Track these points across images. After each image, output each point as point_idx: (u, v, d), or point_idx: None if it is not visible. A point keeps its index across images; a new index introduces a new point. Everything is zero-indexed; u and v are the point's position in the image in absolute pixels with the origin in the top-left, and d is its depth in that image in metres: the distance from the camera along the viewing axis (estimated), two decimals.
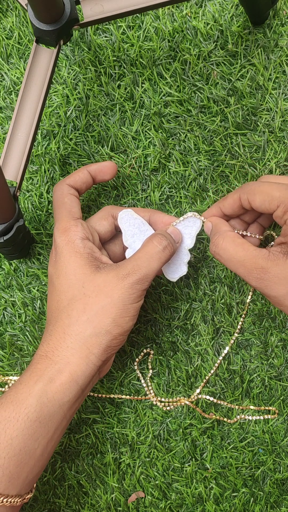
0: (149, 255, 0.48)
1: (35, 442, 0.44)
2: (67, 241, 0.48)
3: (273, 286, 0.45)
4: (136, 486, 0.56)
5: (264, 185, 0.48)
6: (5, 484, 0.43)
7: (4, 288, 0.59)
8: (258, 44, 0.59)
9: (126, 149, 0.59)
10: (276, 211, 0.47)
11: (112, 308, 0.46)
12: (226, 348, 0.56)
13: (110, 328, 0.46)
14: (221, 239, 0.48)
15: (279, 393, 0.56)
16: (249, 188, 0.49)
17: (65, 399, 0.45)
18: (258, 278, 0.45)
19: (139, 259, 0.48)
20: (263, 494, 0.55)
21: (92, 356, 0.46)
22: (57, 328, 0.47)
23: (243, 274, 0.46)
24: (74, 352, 0.46)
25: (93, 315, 0.46)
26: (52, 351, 0.46)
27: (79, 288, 0.47)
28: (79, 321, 0.46)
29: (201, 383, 0.56)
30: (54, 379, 0.45)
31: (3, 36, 0.62)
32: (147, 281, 0.47)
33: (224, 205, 0.51)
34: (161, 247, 0.48)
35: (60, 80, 0.61)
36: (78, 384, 0.45)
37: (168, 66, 0.59)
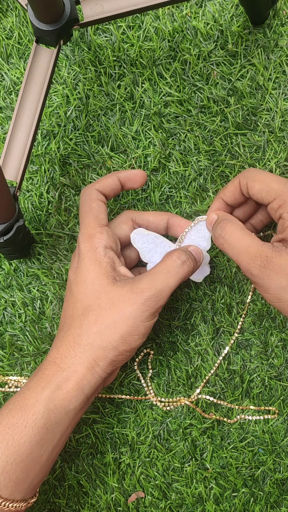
0: (166, 270, 0.47)
1: (42, 449, 0.44)
2: (89, 248, 0.48)
3: (274, 277, 0.44)
4: (136, 486, 0.56)
5: (265, 174, 0.48)
6: (11, 490, 0.43)
7: (4, 288, 0.59)
8: (258, 44, 0.59)
9: (126, 149, 0.59)
10: (272, 203, 0.47)
11: (122, 324, 0.46)
12: (226, 348, 0.56)
13: (117, 344, 0.46)
14: (229, 224, 0.47)
15: (279, 393, 0.56)
16: (249, 174, 0.48)
17: (71, 406, 0.45)
18: (261, 266, 0.44)
19: (156, 274, 0.47)
20: (263, 494, 0.55)
21: (98, 368, 0.46)
22: (69, 336, 0.47)
23: (246, 261, 0.45)
24: (81, 361, 0.46)
25: (103, 328, 0.46)
26: (61, 358, 0.46)
27: (95, 299, 0.47)
28: (89, 332, 0.46)
29: (201, 383, 0.56)
30: (61, 386, 0.45)
31: (3, 36, 0.62)
32: (162, 298, 0.46)
33: (225, 193, 0.50)
34: (179, 262, 0.48)
35: (60, 80, 0.61)
36: (84, 392, 0.46)
37: (168, 66, 0.59)
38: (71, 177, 0.59)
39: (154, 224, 0.53)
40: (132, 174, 0.52)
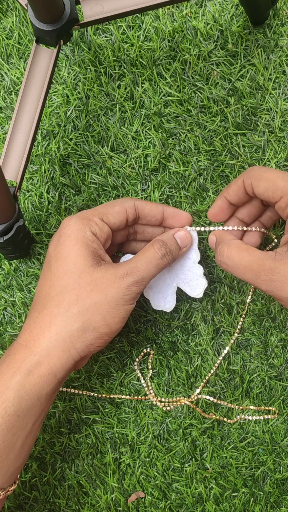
0: (148, 259, 0.48)
1: (14, 436, 0.44)
2: (79, 228, 0.47)
3: (284, 287, 0.43)
4: (136, 486, 0.56)
5: (270, 171, 0.47)
6: None
7: (4, 288, 0.59)
8: (258, 44, 0.59)
9: (126, 149, 0.59)
10: (279, 202, 0.46)
11: (105, 305, 0.45)
12: (226, 348, 0.56)
13: (99, 325, 0.45)
14: (225, 247, 0.48)
15: (279, 393, 0.56)
16: (253, 173, 0.47)
17: (43, 392, 0.44)
18: (268, 280, 0.44)
19: (138, 262, 0.47)
20: (263, 494, 0.55)
21: (74, 350, 0.45)
22: (44, 316, 0.46)
23: (252, 279, 0.45)
24: (56, 344, 0.45)
25: (85, 309, 0.45)
26: (33, 341, 0.45)
27: (75, 278, 0.46)
28: (69, 312, 0.45)
29: (201, 383, 0.56)
30: (32, 371, 0.44)
31: (3, 36, 0.62)
32: (143, 285, 0.47)
33: (229, 192, 0.50)
34: (160, 254, 0.48)
35: (60, 80, 0.61)
36: (56, 377, 0.45)
37: (168, 66, 0.59)
38: (71, 177, 0.59)
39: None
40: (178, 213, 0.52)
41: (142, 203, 0.51)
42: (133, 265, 0.47)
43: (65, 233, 0.47)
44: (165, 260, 0.48)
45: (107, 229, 0.49)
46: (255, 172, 0.47)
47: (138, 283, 0.46)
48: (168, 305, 0.53)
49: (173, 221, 0.52)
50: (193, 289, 0.53)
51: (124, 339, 0.57)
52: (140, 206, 0.51)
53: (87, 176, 0.59)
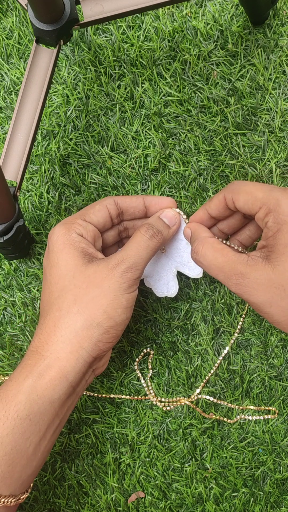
0: (136, 243, 0.48)
1: (27, 441, 0.43)
2: (63, 233, 0.48)
3: (252, 292, 0.44)
4: (136, 486, 0.56)
5: (249, 185, 0.47)
6: None
7: (4, 288, 0.59)
8: (258, 44, 0.59)
9: (126, 149, 0.59)
10: (258, 213, 0.46)
11: (103, 299, 0.45)
12: (226, 348, 0.56)
13: (101, 320, 0.45)
14: (200, 245, 0.48)
15: (279, 393, 0.56)
16: (233, 188, 0.48)
17: (55, 395, 0.44)
18: (237, 284, 0.44)
19: (128, 249, 0.47)
20: (263, 494, 0.55)
21: (82, 350, 0.45)
22: (48, 321, 0.46)
23: (223, 280, 0.45)
24: (64, 346, 0.45)
25: (84, 306, 0.45)
26: (42, 346, 0.45)
27: (70, 279, 0.46)
28: (70, 313, 0.45)
29: (201, 383, 0.56)
30: (43, 374, 0.44)
31: (3, 36, 0.62)
32: (137, 270, 0.46)
33: (210, 206, 0.50)
34: (147, 236, 0.48)
35: (60, 80, 0.61)
36: (68, 380, 0.45)
37: (168, 66, 0.59)
38: (71, 177, 0.59)
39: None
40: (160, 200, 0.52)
41: (122, 198, 0.52)
42: (122, 253, 0.47)
43: (52, 242, 0.48)
44: (155, 240, 0.48)
45: (91, 227, 0.49)
46: (235, 187, 0.48)
47: (131, 269, 0.46)
48: (172, 290, 0.53)
49: (157, 208, 0.52)
50: (192, 269, 0.53)
51: (124, 339, 0.57)
52: (120, 201, 0.51)
53: (87, 176, 0.59)
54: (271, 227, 0.44)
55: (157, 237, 0.48)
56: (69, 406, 0.46)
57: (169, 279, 0.53)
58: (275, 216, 0.44)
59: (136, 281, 0.47)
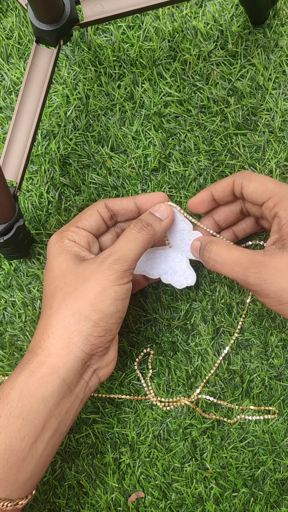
0: (125, 237, 0.48)
1: (22, 442, 0.42)
2: (57, 240, 0.49)
3: (273, 280, 0.44)
4: (136, 486, 0.56)
5: (261, 176, 0.49)
6: None
7: (4, 288, 0.59)
8: (258, 44, 0.59)
9: (126, 149, 0.59)
10: (267, 202, 0.47)
11: (90, 291, 0.45)
12: (226, 348, 0.56)
13: (89, 312, 0.45)
14: (214, 245, 0.48)
15: (279, 393, 0.56)
16: (245, 174, 0.49)
17: (47, 393, 0.43)
18: (257, 273, 0.44)
19: (117, 243, 0.47)
20: (263, 494, 0.55)
21: (73, 346, 0.44)
22: (41, 320, 0.47)
23: (241, 272, 0.45)
24: (54, 342, 0.45)
25: (72, 301, 0.45)
26: (36, 344, 0.45)
27: (61, 279, 0.47)
28: (59, 309, 0.45)
29: (201, 383, 0.56)
30: (34, 371, 0.44)
31: (3, 36, 0.62)
32: (126, 262, 0.46)
33: (216, 188, 0.51)
34: (136, 229, 0.48)
35: (60, 80, 0.61)
36: (60, 377, 0.44)
37: (168, 66, 0.59)
38: (71, 177, 0.59)
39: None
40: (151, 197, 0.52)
41: (112, 200, 0.52)
42: (112, 247, 0.47)
43: (48, 251, 0.50)
44: (144, 232, 0.48)
45: (84, 233, 0.50)
46: (247, 174, 0.49)
47: (119, 261, 0.46)
48: (190, 279, 0.54)
49: (148, 206, 0.52)
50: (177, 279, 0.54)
51: (124, 339, 0.57)
52: (110, 204, 0.52)
53: (87, 176, 0.59)
54: (283, 216, 0.46)
55: (146, 229, 0.48)
56: (68, 408, 0.45)
57: (184, 269, 0.54)
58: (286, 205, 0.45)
59: (126, 274, 0.46)
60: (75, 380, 0.45)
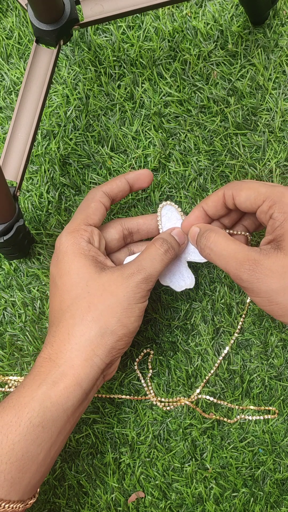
0: (152, 256, 0.48)
1: (38, 448, 0.43)
2: (72, 242, 0.48)
3: (265, 279, 0.44)
4: (136, 486, 0.56)
5: (251, 182, 0.48)
6: (6, 490, 0.42)
7: (4, 288, 0.59)
8: (258, 44, 0.59)
9: (126, 149, 0.59)
10: (262, 206, 0.46)
11: (118, 307, 0.46)
12: (226, 348, 0.56)
13: (116, 328, 0.46)
14: (213, 233, 0.48)
15: (279, 393, 0.56)
16: (234, 185, 0.48)
17: (68, 403, 0.44)
18: (250, 270, 0.44)
19: (143, 260, 0.48)
20: (263, 494, 0.55)
21: (96, 358, 0.45)
22: (61, 329, 0.46)
23: (234, 267, 0.45)
24: (78, 354, 0.45)
25: (98, 314, 0.46)
26: (56, 354, 0.45)
27: (83, 287, 0.47)
28: (84, 320, 0.46)
29: (201, 383, 0.56)
30: (57, 382, 0.44)
31: (3, 36, 0.62)
32: (151, 281, 0.47)
33: (207, 203, 0.50)
34: (162, 250, 0.49)
35: (60, 80, 0.61)
36: (82, 387, 0.45)
37: (168, 66, 0.59)
38: (71, 177, 0.59)
39: (145, 226, 0.53)
40: (140, 174, 0.53)
41: (108, 186, 0.52)
42: (138, 263, 0.48)
43: (61, 251, 0.48)
44: (169, 255, 0.49)
45: (96, 231, 0.50)
46: (236, 184, 0.48)
47: (147, 280, 0.47)
48: (189, 281, 0.53)
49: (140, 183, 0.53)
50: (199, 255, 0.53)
51: None
52: (108, 190, 0.52)
53: (87, 176, 0.59)
54: (277, 217, 0.45)
55: (171, 252, 0.49)
56: (80, 412, 0.47)
57: (183, 272, 0.53)
58: (281, 206, 0.45)
59: (149, 292, 0.48)
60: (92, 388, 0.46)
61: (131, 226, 0.53)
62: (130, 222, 0.54)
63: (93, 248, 0.49)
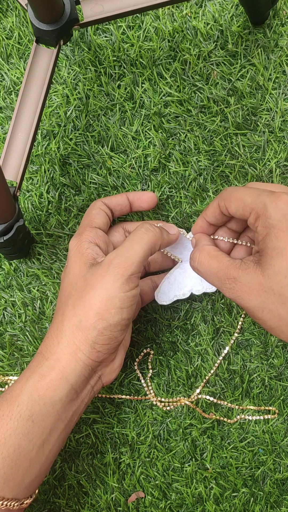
0: (130, 239, 0.47)
1: (30, 443, 0.43)
2: (75, 243, 0.49)
3: (244, 297, 0.43)
4: (136, 486, 0.56)
5: (239, 190, 0.47)
6: (0, 486, 0.42)
7: (4, 288, 0.59)
8: (258, 44, 0.59)
9: (126, 149, 0.59)
10: (249, 218, 0.45)
11: (96, 300, 0.45)
12: (226, 348, 0.56)
13: (94, 321, 0.45)
14: (197, 253, 0.48)
15: (279, 393, 0.56)
16: (225, 195, 0.47)
17: (56, 397, 0.44)
18: (230, 289, 0.44)
19: (122, 245, 0.47)
20: (263, 494, 0.55)
21: (80, 352, 0.45)
22: (53, 325, 0.47)
23: (218, 285, 0.45)
24: (63, 348, 0.45)
25: (80, 309, 0.46)
26: (46, 348, 0.46)
27: (73, 285, 0.47)
28: (70, 316, 0.46)
29: (201, 383, 0.56)
30: (44, 375, 0.45)
31: (3, 36, 0.62)
32: (131, 265, 0.45)
33: (207, 214, 0.50)
34: (143, 229, 0.48)
35: (60, 80, 0.61)
36: (68, 382, 0.45)
37: (168, 66, 0.59)
38: (71, 177, 0.59)
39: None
40: (142, 194, 0.54)
41: (108, 198, 0.54)
42: (116, 251, 0.47)
43: (68, 255, 0.50)
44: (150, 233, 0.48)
45: (101, 232, 0.51)
46: (226, 194, 0.47)
47: (124, 264, 0.45)
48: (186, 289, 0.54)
49: (140, 202, 0.54)
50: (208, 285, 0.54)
51: None
52: (107, 201, 0.53)
53: (87, 176, 0.59)
54: (260, 232, 0.44)
55: (153, 230, 0.48)
56: (73, 411, 0.46)
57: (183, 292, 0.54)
58: (263, 220, 0.43)
59: (132, 278, 0.45)
60: (82, 386, 0.46)
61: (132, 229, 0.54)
62: (132, 226, 0.55)
63: (95, 247, 0.49)
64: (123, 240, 0.53)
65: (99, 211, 0.52)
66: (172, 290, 0.54)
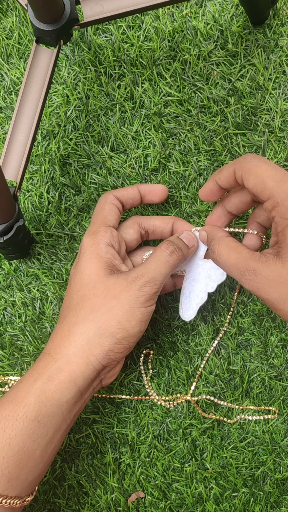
0: (157, 259, 0.48)
1: (34, 443, 0.44)
2: (92, 243, 0.49)
3: (264, 289, 0.44)
4: (136, 486, 0.56)
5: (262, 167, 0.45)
6: (4, 485, 0.43)
7: (4, 288, 0.59)
8: (258, 44, 0.59)
9: (126, 149, 0.59)
10: (266, 203, 0.45)
11: (119, 310, 0.46)
12: (219, 334, 0.56)
13: (115, 330, 0.46)
14: (216, 244, 0.48)
15: (279, 393, 0.56)
16: (246, 166, 0.46)
17: (63, 399, 0.45)
18: (250, 280, 0.44)
19: (148, 263, 0.48)
20: (263, 494, 0.55)
21: (93, 357, 0.46)
22: (63, 326, 0.47)
23: (237, 276, 0.46)
24: (75, 351, 0.46)
25: (99, 315, 0.46)
26: (55, 349, 0.46)
27: (90, 288, 0.48)
28: (85, 320, 0.46)
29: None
30: (53, 377, 0.45)
31: (3, 36, 0.62)
32: (156, 284, 0.47)
33: (219, 177, 0.49)
34: (168, 252, 0.49)
35: (60, 80, 0.61)
36: (76, 385, 0.45)
37: (168, 66, 0.59)
38: (71, 177, 0.59)
39: (160, 228, 0.54)
40: (153, 187, 0.54)
41: (119, 191, 0.53)
42: (143, 267, 0.48)
43: (81, 252, 0.50)
44: (174, 256, 0.49)
45: (115, 232, 0.51)
46: (246, 165, 0.46)
47: (150, 283, 0.47)
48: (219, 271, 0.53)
49: (151, 196, 0.54)
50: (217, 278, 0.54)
51: None
52: (119, 194, 0.53)
53: (87, 176, 0.59)
54: (279, 223, 0.44)
55: (177, 253, 0.49)
56: (76, 412, 0.47)
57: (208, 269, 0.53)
58: (282, 211, 0.43)
59: (154, 296, 0.48)
60: (87, 387, 0.47)
61: (148, 226, 0.54)
62: (147, 222, 0.54)
63: (112, 250, 0.49)
64: (137, 238, 0.53)
65: (112, 207, 0.52)
66: (192, 302, 0.54)
